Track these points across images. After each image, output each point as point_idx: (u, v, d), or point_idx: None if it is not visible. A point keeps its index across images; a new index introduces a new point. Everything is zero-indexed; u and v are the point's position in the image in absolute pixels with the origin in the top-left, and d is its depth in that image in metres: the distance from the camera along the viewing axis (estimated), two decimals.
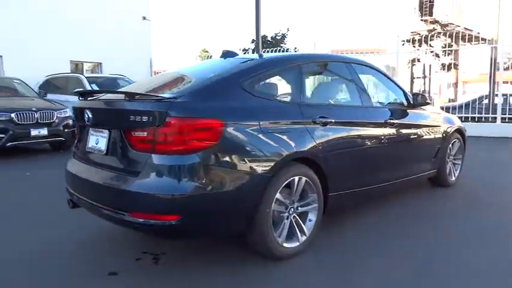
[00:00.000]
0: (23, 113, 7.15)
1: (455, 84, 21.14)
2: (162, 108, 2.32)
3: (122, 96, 2.69)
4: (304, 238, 2.85)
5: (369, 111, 3.55)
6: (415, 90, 16.21)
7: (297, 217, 2.83)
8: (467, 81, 33.70)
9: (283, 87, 3.18)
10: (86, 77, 9.76)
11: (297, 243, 2.81)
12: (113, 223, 2.59)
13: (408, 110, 4.05)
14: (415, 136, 4.06)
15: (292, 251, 2.77)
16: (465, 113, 10.30)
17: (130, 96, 2.57)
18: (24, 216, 3.80)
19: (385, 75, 4.08)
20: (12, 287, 2.48)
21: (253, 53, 12.25)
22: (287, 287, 2.47)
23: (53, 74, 10.53)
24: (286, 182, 2.69)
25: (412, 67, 15.02)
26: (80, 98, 3.01)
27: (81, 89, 3.68)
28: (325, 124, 2.99)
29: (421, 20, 39.82)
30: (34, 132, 7.21)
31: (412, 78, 15.69)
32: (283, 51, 13.26)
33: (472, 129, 7.51)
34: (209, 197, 2.36)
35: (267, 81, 2.96)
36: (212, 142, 2.36)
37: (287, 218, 2.77)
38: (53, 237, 3.22)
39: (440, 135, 4.44)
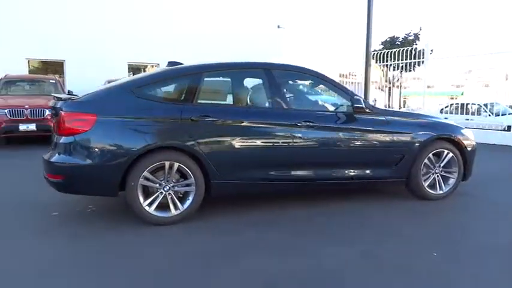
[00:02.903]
0: None
1: None
2: (59, 105, 3.49)
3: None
4: (177, 212, 3.57)
5: (271, 113, 3.87)
6: None
7: (173, 194, 3.56)
8: None
9: (174, 91, 3.91)
10: None
11: (170, 215, 3.55)
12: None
13: (355, 115, 4.09)
14: (353, 140, 4.07)
15: (164, 219, 3.54)
16: None
17: (58, 98, 3.78)
18: None
19: (327, 80, 4.22)
20: None
21: (366, 55, 12.09)
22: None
23: None
24: (155, 164, 3.47)
25: None
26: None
27: (57, 94, 5.02)
28: (206, 122, 3.61)
29: None
30: None
31: None
32: (408, 51, 12.66)
33: None
34: (81, 167, 3.40)
35: (160, 87, 3.78)
36: (86, 128, 3.37)
37: (161, 193, 3.54)
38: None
39: (406, 142, 4.24)
